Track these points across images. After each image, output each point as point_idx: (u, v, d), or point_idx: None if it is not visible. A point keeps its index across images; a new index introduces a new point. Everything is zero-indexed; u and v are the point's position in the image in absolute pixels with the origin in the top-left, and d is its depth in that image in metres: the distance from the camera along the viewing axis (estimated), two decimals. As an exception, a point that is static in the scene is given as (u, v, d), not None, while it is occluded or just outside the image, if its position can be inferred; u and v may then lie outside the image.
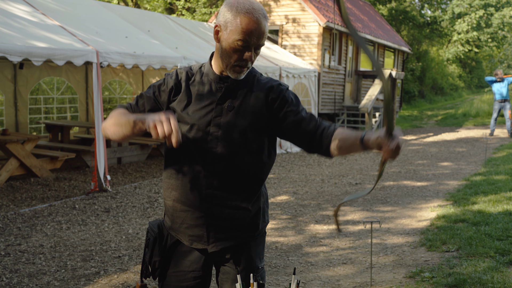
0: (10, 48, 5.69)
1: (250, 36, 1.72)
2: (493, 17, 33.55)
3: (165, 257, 1.94)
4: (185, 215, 1.87)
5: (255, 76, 1.89)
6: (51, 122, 9.49)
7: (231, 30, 1.72)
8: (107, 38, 7.47)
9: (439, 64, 33.70)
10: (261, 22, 1.73)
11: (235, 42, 1.72)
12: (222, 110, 1.82)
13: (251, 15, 1.71)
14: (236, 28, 1.71)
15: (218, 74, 1.85)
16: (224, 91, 1.83)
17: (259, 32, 1.73)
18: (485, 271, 3.84)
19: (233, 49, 1.74)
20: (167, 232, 1.94)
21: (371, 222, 3.84)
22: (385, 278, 3.92)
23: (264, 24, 1.74)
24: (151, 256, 1.92)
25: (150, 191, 7.07)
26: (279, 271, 4.16)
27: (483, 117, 19.66)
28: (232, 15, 1.72)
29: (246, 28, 1.71)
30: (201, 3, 18.01)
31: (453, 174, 8.55)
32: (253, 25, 1.71)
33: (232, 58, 1.76)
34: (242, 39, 1.71)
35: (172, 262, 1.93)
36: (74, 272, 4.05)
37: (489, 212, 5.60)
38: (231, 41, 1.73)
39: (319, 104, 13.68)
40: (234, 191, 1.85)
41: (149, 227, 1.98)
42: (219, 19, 1.77)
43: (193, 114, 1.82)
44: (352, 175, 8.60)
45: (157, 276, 1.96)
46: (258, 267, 1.94)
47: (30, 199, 6.37)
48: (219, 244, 1.87)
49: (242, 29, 1.71)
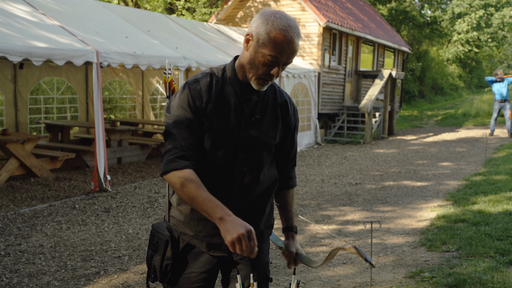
0: (10, 48, 5.69)
1: (281, 54, 1.70)
2: (493, 17, 33.55)
3: (178, 260, 1.89)
4: (205, 224, 1.84)
5: (276, 89, 1.94)
6: (51, 122, 9.49)
7: (263, 44, 1.70)
8: (107, 38, 7.47)
9: (439, 64, 33.70)
10: (294, 41, 1.71)
11: (266, 57, 1.71)
12: (250, 122, 1.83)
13: (286, 33, 1.69)
14: (269, 43, 1.69)
15: (244, 83, 1.82)
16: (252, 104, 1.84)
17: (291, 50, 1.72)
18: (485, 271, 3.84)
19: (262, 63, 1.73)
20: (177, 234, 1.90)
21: (371, 222, 3.84)
22: (385, 278, 3.92)
23: (297, 43, 1.73)
24: (163, 260, 1.86)
25: (150, 191, 7.07)
26: (279, 271, 4.16)
27: (483, 117, 19.66)
28: (267, 29, 1.69)
29: (279, 45, 1.69)
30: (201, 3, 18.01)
31: (453, 174, 8.55)
32: (287, 43, 1.69)
33: (259, 70, 1.74)
34: (273, 55, 1.70)
35: (184, 264, 1.90)
36: (74, 272, 4.05)
37: (489, 212, 5.60)
38: (261, 54, 1.71)
39: (319, 104, 13.68)
40: (257, 200, 1.90)
41: (155, 229, 1.91)
42: (252, 28, 1.74)
43: (221, 125, 1.80)
44: (352, 175, 8.60)
45: (168, 280, 1.89)
46: (268, 262, 2.01)
47: (30, 199, 6.37)
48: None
49: (275, 46, 1.69)
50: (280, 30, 1.68)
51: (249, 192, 1.87)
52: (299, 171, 9.01)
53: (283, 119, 1.92)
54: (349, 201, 6.67)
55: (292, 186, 2.08)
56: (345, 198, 6.84)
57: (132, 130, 9.47)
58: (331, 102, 14.56)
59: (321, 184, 7.87)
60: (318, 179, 8.26)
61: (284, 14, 1.73)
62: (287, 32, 1.69)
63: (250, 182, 1.86)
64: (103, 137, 6.80)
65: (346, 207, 6.37)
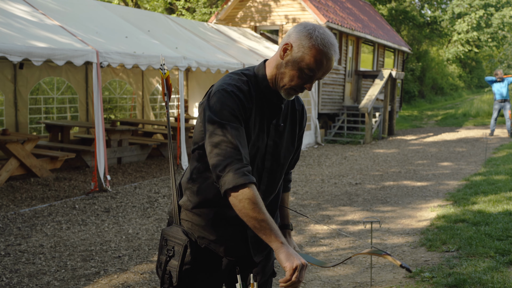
0: (10, 48, 5.69)
1: (319, 70, 1.71)
2: (493, 17, 33.54)
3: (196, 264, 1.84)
4: (224, 229, 1.83)
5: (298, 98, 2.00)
6: (51, 122, 9.49)
7: (302, 57, 1.69)
8: (107, 38, 7.47)
9: (439, 64, 33.69)
10: (333, 60, 1.72)
11: (303, 70, 1.71)
12: (276, 129, 1.85)
13: (328, 50, 1.69)
14: (309, 58, 1.69)
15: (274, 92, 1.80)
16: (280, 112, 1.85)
17: (328, 67, 1.72)
18: (485, 271, 3.84)
19: (297, 76, 1.72)
20: (194, 238, 1.85)
21: (371, 222, 3.84)
22: (385, 278, 3.92)
23: (335, 61, 1.74)
24: (182, 265, 1.79)
25: (150, 191, 7.07)
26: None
27: (483, 117, 19.66)
28: (309, 43, 1.68)
29: (318, 61, 1.69)
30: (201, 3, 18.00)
31: (453, 174, 8.55)
32: (326, 60, 1.70)
33: (292, 81, 1.74)
34: (311, 70, 1.70)
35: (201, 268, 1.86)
36: (74, 272, 4.05)
37: (489, 212, 5.60)
38: (298, 67, 1.71)
39: (319, 104, 13.68)
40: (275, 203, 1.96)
41: (169, 234, 1.84)
42: (292, 39, 1.73)
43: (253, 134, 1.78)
44: (352, 175, 8.60)
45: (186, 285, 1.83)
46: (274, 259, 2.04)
47: (30, 199, 6.37)
48: (260, 256, 1.92)
49: (314, 62, 1.69)
50: (323, 46, 1.68)
51: (268, 198, 1.92)
52: (299, 171, 9.01)
53: (299, 124, 1.96)
54: (349, 201, 6.67)
55: (289, 189, 2.19)
56: (345, 198, 6.85)
57: (132, 130, 9.47)
58: (331, 102, 14.56)
59: (321, 184, 7.87)
60: (318, 179, 8.26)
61: (326, 30, 1.73)
62: (329, 50, 1.69)
63: (272, 189, 1.90)
64: (103, 137, 6.80)
65: (346, 207, 6.37)
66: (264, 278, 2.00)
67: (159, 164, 9.33)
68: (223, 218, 1.81)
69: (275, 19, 14.60)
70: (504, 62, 28.98)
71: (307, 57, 1.68)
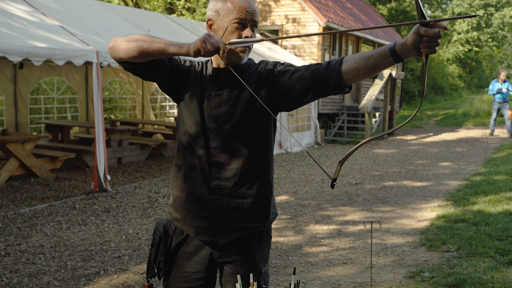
0: (10, 48, 5.69)
1: (244, 13, 1.79)
2: (493, 17, 33.55)
3: (170, 257, 1.93)
4: (191, 206, 1.87)
5: (249, 65, 1.91)
6: (51, 122, 9.49)
7: (224, 15, 1.80)
8: (107, 38, 7.47)
9: (439, 64, 33.68)
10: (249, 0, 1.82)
11: (232, 24, 1.78)
12: (221, 101, 1.84)
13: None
14: (229, 10, 1.79)
15: (214, 67, 1.89)
16: (220, 82, 1.86)
17: (252, 8, 1.81)
18: (485, 271, 3.84)
19: (230, 32, 1.79)
20: (172, 232, 1.94)
21: (371, 222, 3.84)
22: (385, 278, 3.92)
23: (253, 2, 1.84)
24: (156, 256, 1.92)
25: (150, 191, 7.07)
26: (279, 271, 4.16)
27: (483, 117, 19.66)
28: (221, 1, 1.81)
29: (238, 7, 1.78)
30: (201, 3, 18.00)
31: (453, 174, 8.55)
32: (244, 2, 1.79)
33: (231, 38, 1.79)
34: (238, 17, 1.78)
35: (176, 262, 1.93)
36: (74, 272, 4.05)
37: (489, 212, 5.60)
38: (226, 24, 1.79)
39: (319, 104, 13.68)
40: (241, 180, 1.84)
41: (156, 226, 1.98)
42: (209, 13, 1.86)
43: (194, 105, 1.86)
44: (352, 175, 8.60)
45: (161, 276, 1.95)
46: (262, 271, 1.92)
47: (30, 199, 6.37)
48: (228, 236, 1.86)
49: (235, 9, 1.78)
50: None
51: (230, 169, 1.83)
52: (299, 171, 9.01)
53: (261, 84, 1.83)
54: (349, 201, 6.67)
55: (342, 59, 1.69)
56: (345, 198, 6.84)
57: (132, 130, 9.47)
58: (331, 102, 14.56)
59: (321, 184, 7.87)
60: (318, 179, 8.26)
61: None
62: None
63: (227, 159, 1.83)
64: (103, 137, 6.80)
65: (346, 207, 6.37)
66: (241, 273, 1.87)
67: (159, 164, 9.33)
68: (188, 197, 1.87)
69: (275, 19, 14.60)
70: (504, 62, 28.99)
71: (228, 11, 1.79)
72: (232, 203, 1.84)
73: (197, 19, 17.86)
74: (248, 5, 1.80)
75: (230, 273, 1.90)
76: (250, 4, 1.81)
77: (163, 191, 7.12)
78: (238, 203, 1.85)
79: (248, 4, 1.80)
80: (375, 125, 14.44)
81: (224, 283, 1.93)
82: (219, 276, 1.99)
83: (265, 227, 1.93)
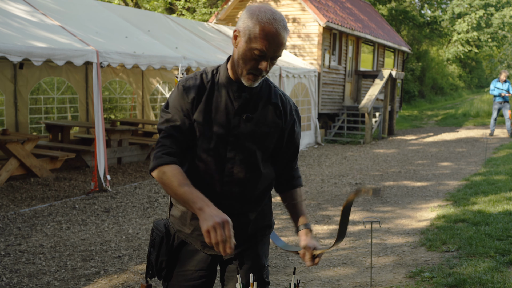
0: (10, 48, 5.69)
1: (267, 47, 1.70)
2: (493, 17, 33.54)
3: (172, 256, 1.92)
4: (198, 223, 1.82)
5: (271, 88, 1.91)
6: (51, 122, 9.49)
7: (249, 38, 1.71)
8: (107, 38, 7.47)
9: (439, 64, 33.69)
10: (280, 34, 1.71)
11: (252, 51, 1.71)
12: (240, 120, 1.82)
13: (271, 25, 1.69)
14: (255, 36, 1.70)
15: (235, 82, 1.82)
16: (242, 102, 1.82)
17: (278, 43, 1.71)
18: (485, 271, 3.84)
19: (249, 57, 1.73)
20: (174, 232, 1.93)
21: (371, 222, 3.84)
22: (385, 278, 3.92)
23: (284, 36, 1.72)
24: (158, 256, 1.90)
25: (150, 191, 7.07)
26: (279, 271, 4.16)
27: (483, 117, 19.66)
28: (252, 23, 1.70)
29: (265, 39, 1.69)
30: (201, 3, 17.99)
31: (453, 174, 8.55)
32: (272, 36, 1.69)
33: (247, 65, 1.75)
34: (260, 48, 1.70)
35: (179, 261, 1.92)
36: (74, 272, 4.05)
37: (489, 212, 5.60)
38: (248, 48, 1.71)
39: (319, 104, 13.68)
40: (250, 200, 1.88)
41: (154, 226, 1.96)
42: (239, 24, 1.76)
43: (212, 124, 1.81)
44: (352, 175, 8.60)
45: (163, 276, 1.93)
46: (265, 265, 1.97)
47: (30, 199, 6.37)
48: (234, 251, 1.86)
49: (261, 39, 1.69)
50: (265, 23, 1.69)
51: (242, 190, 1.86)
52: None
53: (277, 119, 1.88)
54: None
55: (295, 186, 2.02)
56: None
57: (132, 130, 9.47)
58: (331, 102, 14.56)
59: (321, 184, 7.88)
60: (318, 179, 8.26)
61: (269, 8, 1.74)
62: (272, 25, 1.69)
63: (241, 180, 1.85)
64: (103, 137, 6.80)
65: (346, 207, 6.37)
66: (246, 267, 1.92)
67: (159, 164, 9.32)
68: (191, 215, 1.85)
69: (275, 19, 14.57)
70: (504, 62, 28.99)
71: (254, 37, 1.70)
72: (240, 221, 1.86)
73: (197, 19, 17.86)
74: (274, 39, 1.70)
75: (234, 269, 1.91)
76: (277, 38, 1.70)
77: (163, 191, 7.12)
78: (245, 221, 1.88)
79: (275, 38, 1.69)
80: (375, 125, 14.44)
81: (227, 279, 1.93)
82: (220, 272, 1.99)
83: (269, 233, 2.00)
